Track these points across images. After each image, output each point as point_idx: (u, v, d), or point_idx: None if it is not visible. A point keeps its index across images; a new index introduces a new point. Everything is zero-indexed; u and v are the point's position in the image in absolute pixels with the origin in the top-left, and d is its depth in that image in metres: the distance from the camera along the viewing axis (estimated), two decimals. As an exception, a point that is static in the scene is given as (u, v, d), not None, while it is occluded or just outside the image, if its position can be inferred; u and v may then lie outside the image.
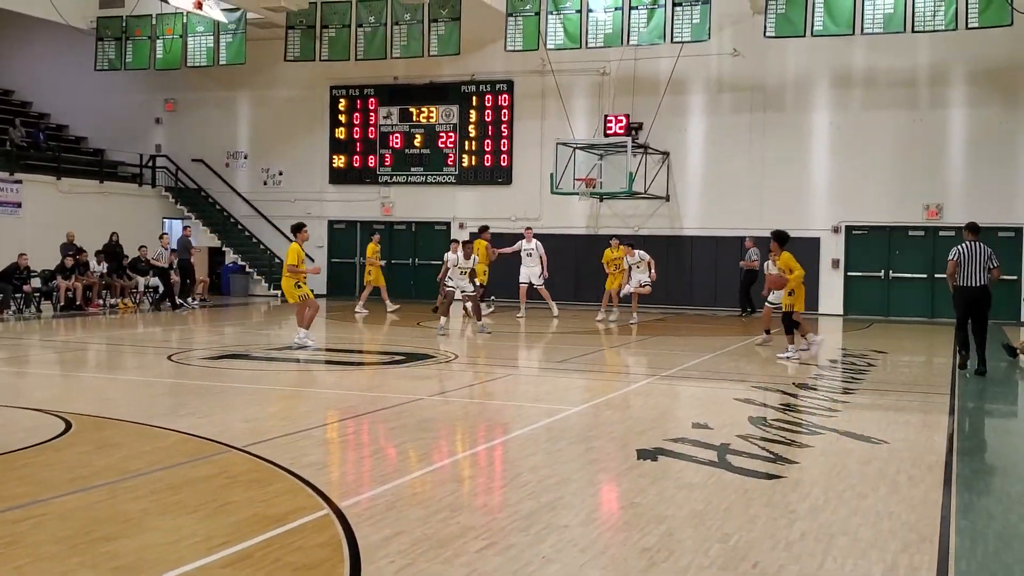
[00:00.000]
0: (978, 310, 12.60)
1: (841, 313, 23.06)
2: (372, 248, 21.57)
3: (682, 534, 5.37)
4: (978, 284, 12.43)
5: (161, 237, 23.79)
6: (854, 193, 23.08)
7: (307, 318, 14.37)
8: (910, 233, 22.85)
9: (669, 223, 24.63)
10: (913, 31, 19.74)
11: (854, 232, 23.34)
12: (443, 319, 16.96)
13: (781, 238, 14.49)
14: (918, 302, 22.71)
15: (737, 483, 6.51)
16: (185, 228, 24.70)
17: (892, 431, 8.59)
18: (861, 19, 19.78)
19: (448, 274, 17.14)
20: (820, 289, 23.28)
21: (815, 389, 11.13)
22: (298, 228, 14.83)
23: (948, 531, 5.53)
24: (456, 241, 20.68)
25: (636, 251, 19.79)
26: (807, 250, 23.31)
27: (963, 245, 12.64)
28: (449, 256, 17.25)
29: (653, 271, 19.80)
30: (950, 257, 12.66)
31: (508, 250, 20.95)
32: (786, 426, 8.58)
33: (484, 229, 21.12)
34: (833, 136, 23.40)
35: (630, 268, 19.83)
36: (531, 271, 20.75)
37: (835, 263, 23.33)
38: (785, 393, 10.60)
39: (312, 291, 14.73)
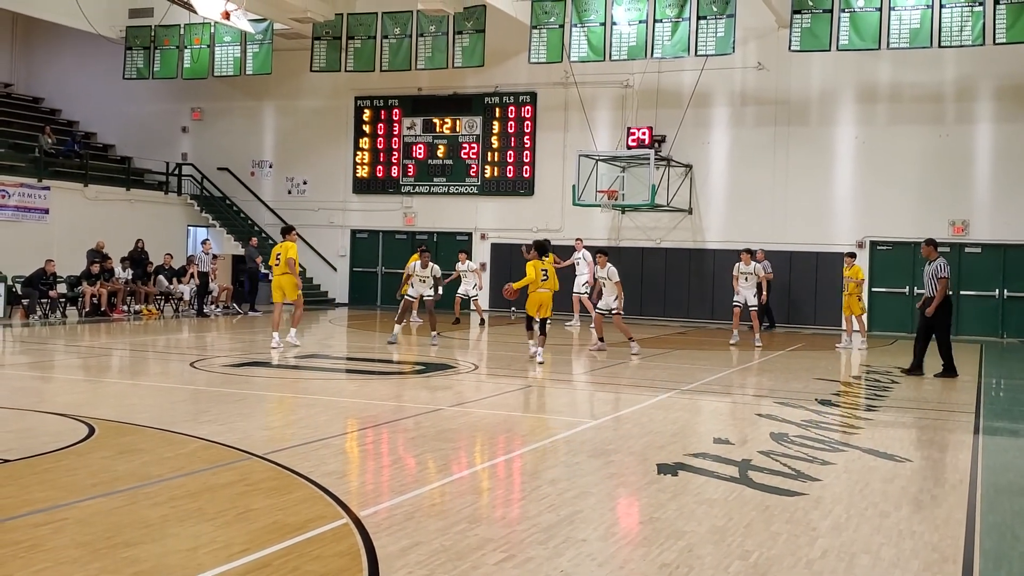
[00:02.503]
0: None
1: (865, 329, 22.84)
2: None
3: (702, 550, 5.33)
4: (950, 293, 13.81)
5: (204, 243, 24.01)
6: (879, 208, 22.94)
7: (297, 318, 15.82)
8: (938, 249, 22.58)
9: (692, 236, 24.57)
10: (940, 46, 19.64)
11: (879, 247, 23.18)
12: (397, 327, 16.98)
13: (539, 248, 14.94)
14: (943, 319, 22.45)
15: (758, 499, 6.46)
16: (251, 239, 25.00)
17: (916, 449, 8.50)
18: (887, 34, 19.70)
19: (409, 282, 17.29)
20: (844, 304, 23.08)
21: (838, 406, 11.04)
22: (292, 229, 16.10)
23: (972, 552, 5.46)
24: (464, 252, 20.91)
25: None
26: (831, 265, 23.22)
27: (943, 260, 13.80)
28: (409, 265, 17.48)
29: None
30: (946, 274, 13.63)
31: (565, 263, 21.08)
32: (808, 443, 8.51)
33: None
34: (858, 151, 23.27)
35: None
36: (579, 280, 21.26)
37: (859, 278, 23.13)
38: (808, 409, 10.53)
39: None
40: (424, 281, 17.15)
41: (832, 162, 23.48)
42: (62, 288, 21.16)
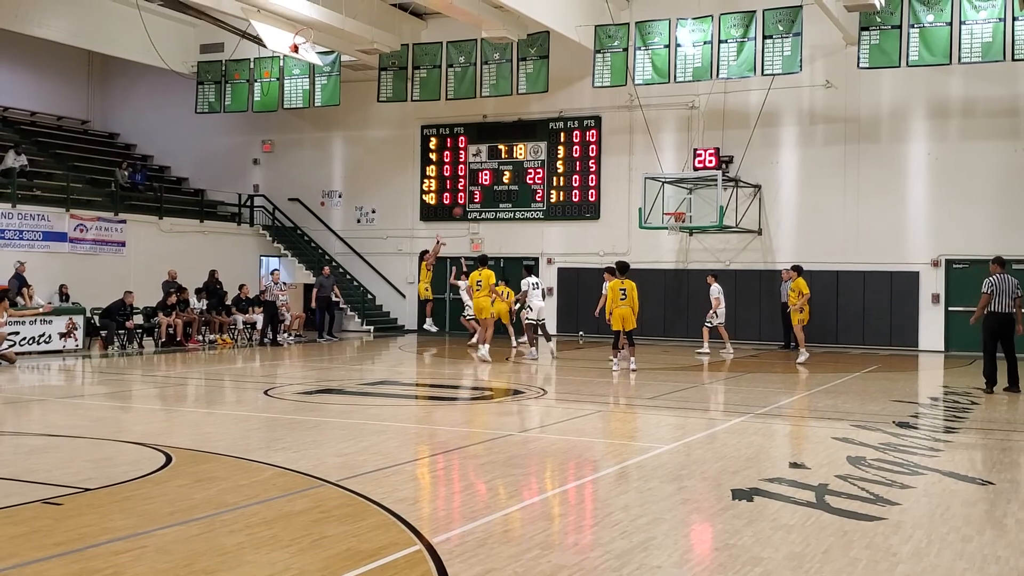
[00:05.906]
0: (1006, 335, 14.11)
1: (942, 349, 22.29)
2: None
3: (779, 577, 5.22)
4: (1007, 311, 13.93)
5: (272, 273, 24.44)
6: (954, 226, 22.39)
7: (484, 335, 18.11)
8: (1014, 267, 21.97)
9: (762, 257, 24.26)
10: (1013, 59, 19.18)
11: (954, 266, 22.61)
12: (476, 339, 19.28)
13: (620, 268, 17.08)
14: (1025, 338, 21.78)
15: (836, 524, 6.32)
16: (324, 268, 25.38)
17: (998, 472, 8.25)
18: (958, 49, 19.31)
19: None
20: (920, 324, 22.59)
21: (917, 428, 10.77)
22: (487, 259, 19.03)
23: (1064, 580, 5.27)
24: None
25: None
26: (905, 285, 22.73)
27: (995, 277, 14.00)
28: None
29: None
30: (984, 290, 14.01)
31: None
32: (886, 466, 8.31)
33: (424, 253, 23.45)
34: (931, 167, 22.78)
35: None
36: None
37: (935, 298, 22.61)
38: (885, 432, 10.28)
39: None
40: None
41: (904, 179, 23.02)
42: (138, 319, 21.68)
